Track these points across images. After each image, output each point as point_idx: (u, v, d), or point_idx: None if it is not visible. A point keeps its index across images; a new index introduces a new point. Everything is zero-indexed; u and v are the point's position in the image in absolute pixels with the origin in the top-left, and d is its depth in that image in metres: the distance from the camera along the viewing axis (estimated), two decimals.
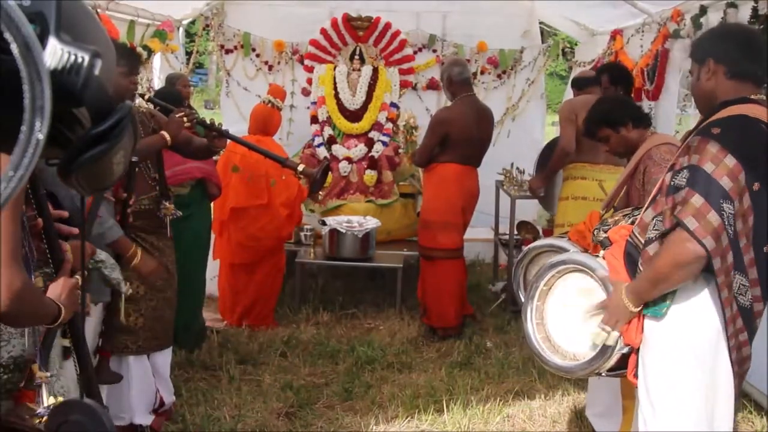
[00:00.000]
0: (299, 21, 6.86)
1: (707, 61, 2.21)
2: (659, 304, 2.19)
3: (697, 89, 2.28)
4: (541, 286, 2.54)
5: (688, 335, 2.18)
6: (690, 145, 2.11)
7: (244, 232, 4.92)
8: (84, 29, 0.77)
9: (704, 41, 2.33)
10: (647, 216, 2.26)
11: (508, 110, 7.20)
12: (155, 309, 3.42)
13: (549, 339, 2.52)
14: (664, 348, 2.21)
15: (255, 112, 5.08)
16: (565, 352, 2.47)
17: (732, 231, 2.04)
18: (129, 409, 3.39)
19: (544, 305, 2.55)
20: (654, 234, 2.19)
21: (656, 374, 2.23)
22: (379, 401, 3.94)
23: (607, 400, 3.25)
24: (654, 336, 2.22)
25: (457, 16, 7.05)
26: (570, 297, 2.49)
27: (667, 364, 2.20)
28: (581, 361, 2.39)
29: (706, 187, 2.02)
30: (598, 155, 4.55)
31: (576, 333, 2.43)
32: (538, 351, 2.52)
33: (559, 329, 2.51)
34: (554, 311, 2.53)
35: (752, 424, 3.71)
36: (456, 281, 5.00)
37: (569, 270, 2.50)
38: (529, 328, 2.54)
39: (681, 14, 4.96)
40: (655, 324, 2.21)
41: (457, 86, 4.93)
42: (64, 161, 0.85)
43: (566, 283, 2.52)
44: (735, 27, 2.39)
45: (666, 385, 2.22)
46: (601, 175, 4.55)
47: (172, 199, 3.48)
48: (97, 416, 1.68)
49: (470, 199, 5.03)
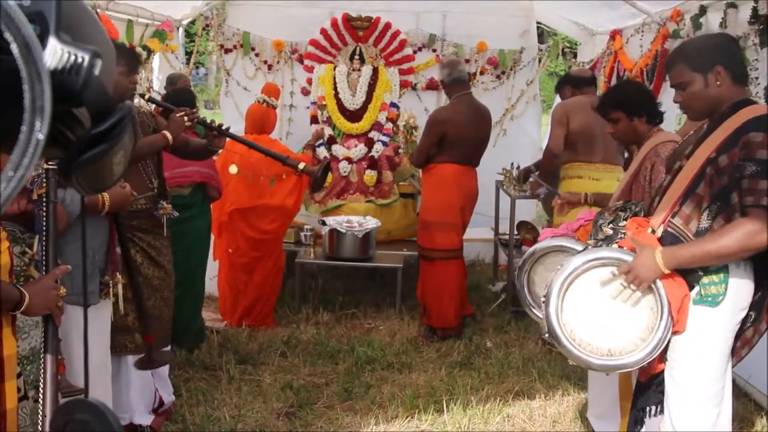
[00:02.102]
0: (299, 21, 6.85)
1: (715, 68, 2.32)
2: (715, 295, 2.30)
3: (703, 96, 2.36)
4: (564, 284, 2.41)
5: (730, 327, 2.33)
6: (752, 140, 2.19)
7: (253, 230, 4.92)
8: (84, 29, 0.77)
9: (710, 49, 2.40)
10: (687, 207, 2.34)
11: (507, 110, 7.20)
12: (152, 308, 3.41)
13: (573, 339, 2.41)
14: (711, 336, 2.33)
15: (250, 112, 5.08)
16: (597, 349, 2.38)
17: None
18: (128, 409, 3.39)
19: (562, 305, 2.44)
20: (707, 224, 2.28)
21: (691, 360, 2.35)
22: (379, 401, 3.94)
23: (607, 401, 3.25)
24: (703, 324, 2.32)
25: (457, 16, 7.05)
26: (589, 294, 2.42)
27: (708, 352, 2.34)
28: (629, 356, 2.35)
29: None
30: (594, 154, 4.56)
31: (604, 328, 2.39)
32: (576, 354, 2.38)
33: (585, 327, 2.41)
34: (574, 310, 2.43)
35: (752, 424, 3.71)
36: (455, 281, 5.00)
37: (594, 266, 2.43)
38: (557, 332, 2.40)
39: (680, 14, 4.96)
40: (708, 311, 2.31)
41: (454, 85, 4.93)
42: (64, 161, 0.85)
43: (582, 282, 2.44)
44: (724, 35, 2.61)
45: (697, 371, 2.35)
46: (596, 174, 4.56)
47: (169, 199, 3.48)
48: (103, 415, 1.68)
49: (469, 199, 5.03)
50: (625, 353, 2.36)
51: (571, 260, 2.46)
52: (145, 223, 3.33)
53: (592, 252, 2.51)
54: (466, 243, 5.23)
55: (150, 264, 3.41)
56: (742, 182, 2.19)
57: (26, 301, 1.88)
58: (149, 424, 3.46)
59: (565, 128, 4.66)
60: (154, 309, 3.42)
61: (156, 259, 3.44)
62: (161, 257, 3.47)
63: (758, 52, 3.88)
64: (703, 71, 2.34)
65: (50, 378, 1.82)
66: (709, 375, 2.36)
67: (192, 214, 4.28)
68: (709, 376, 2.37)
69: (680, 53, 2.44)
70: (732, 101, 2.34)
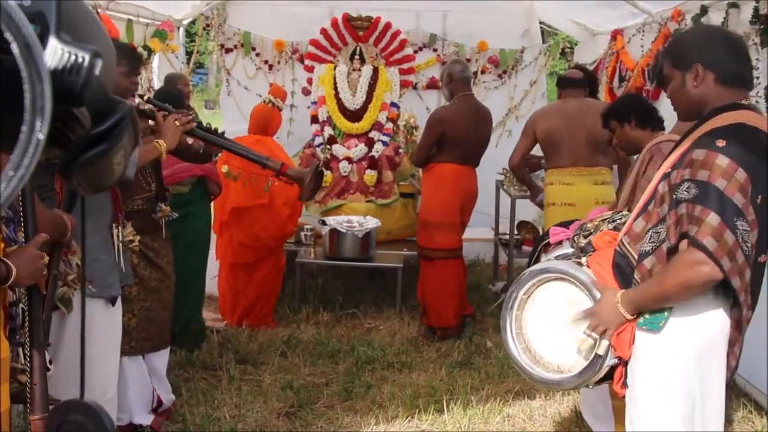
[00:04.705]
0: (299, 20, 6.86)
1: (694, 67, 2.10)
2: (656, 317, 2.11)
3: (682, 96, 2.16)
4: (521, 295, 2.44)
5: (683, 349, 2.10)
6: (695, 159, 1.98)
7: (246, 232, 4.91)
8: (84, 29, 0.77)
9: (688, 46, 2.20)
10: (637, 226, 2.18)
11: (510, 110, 7.20)
12: (149, 310, 3.41)
13: (529, 350, 2.42)
14: (657, 361, 2.13)
15: (255, 112, 5.08)
16: (548, 364, 2.37)
17: (747, 248, 1.95)
18: (127, 409, 3.38)
19: (523, 314, 2.44)
20: (650, 247, 2.10)
21: (647, 386, 2.16)
22: (379, 401, 3.94)
23: (599, 401, 3.25)
24: (647, 349, 2.14)
25: (458, 16, 7.05)
26: (551, 306, 2.39)
27: (659, 377, 2.14)
28: (571, 373, 2.30)
29: (720, 205, 1.92)
30: (561, 158, 4.54)
31: (559, 344, 2.35)
32: (521, 365, 2.40)
33: (541, 340, 2.41)
34: (534, 321, 2.42)
35: (752, 424, 3.70)
36: (454, 281, 5.00)
37: (551, 278, 2.39)
38: (509, 340, 2.43)
39: (682, 14, 4.95)
40: (651, 337, 2.12)
41: (456, 84, 4.93)
42: (65, 161, 0.85)
43: (547, 292, 2.41)
44: (717, 30, 2.29)
45: (657, 397, 2.16)
46: (568, 178, 4.53)
47: (168, 201, 3.47)
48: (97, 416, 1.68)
49: (468, 199, 5.02)
50: (574, 371, 2.29)
51: (526, 271, 2.47)
52: (142, 224, 3.30)
53: (545, 264, 2.48)
54: (466, 243, 5.23)
55: (147, 265, 3.39)
56: (680, 206, 1.99)
57: (14, 273, 1.78)
58: (149, 424, 3.46)
59: (530, 138, 4.67)
60: (150, 311, 3.41)
61: (154, 261, 3.42)
62: (159, 258, 3.46)
63: (759, 52, 3.88)
64: (682, 69, 2.14)
65: (37, 348, 1.81)
66: (665, 405, 2.13)
67: (192, 211, 4.25)
68: (665, 407, 2.13)
69: (667, 46, 2.30)
70: (714, 105, 2.10)
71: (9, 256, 1.84)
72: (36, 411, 1.78)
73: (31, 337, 1.82)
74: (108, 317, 2.88)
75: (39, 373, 1.80)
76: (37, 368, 1.80)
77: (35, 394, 1.79)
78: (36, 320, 1.84)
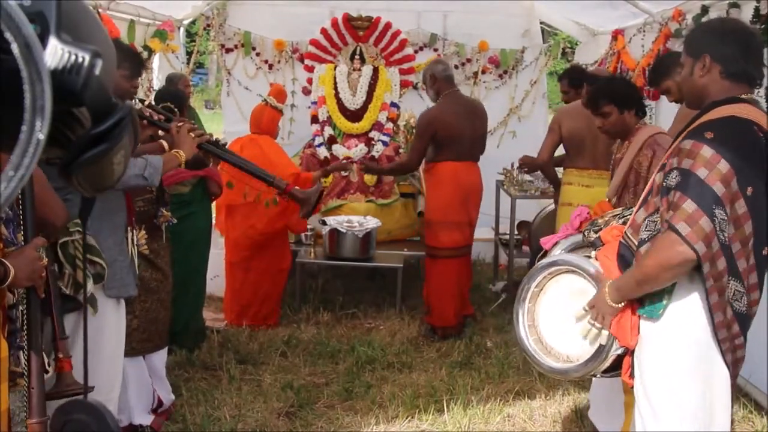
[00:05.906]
0: (299, 20, 6.87)
1: (703, 57, 2.16)
2: (655, 305, 2.16)
3: (689, 83, 2.23)
4: (533, 288, 2.52)
5: (684, 336, 2.14)
6: (682, 148, 2.06)
7: (238, 230, 4.94)
8: (84, 29, 0.77)
9: (701, 35, 2.26)
10: (639, 216, 2.24)
11: (512, 110, 7.20)
12: (148, 311, 3.42)
13: (541, 341, 2.50)
14: (660, 349, 2.18)
15: (255, 112, 5.08)
16: (558, 354, 2.45)
17: (724, 237, 2.01)
18: (127, 410, 3.39)
19: (536, 307, 2.53)
20: (646, 235, 2.16)
21: (653, 375, 2.20)
22: (380, 401, 3.94)
23: (609, 398, 3.25)
24: (650, 337, 2.19)
25: (458, 16, 7.06)
26: (562, 298, 2.47)
27: (664, 364, 2.18)
28: (576, 363, 2.37)
29: (698, 193, 2.00)
30: (584, 160, 4.55)
31: (569, 334, 2.41)
32: (531, 353, 2.50)
33: (552, 331, 2.49)
34: (546, 313, 2.50)
35: (752, 424, 3.71)
36: (456, 280, 4.99)
37: (561, 271, 2.48)
38: (520, 331, 2.52)
39: (682, 14, 4.96)
40: (651, 325, 2.18)
41: (441, 84, 4.92)
42: (65, 161, 0.85)
43: (558, 285, 2.49)
44: (734, 25, 2.30)
45: (664, 386, 2.19)
46: (587, 180, 4.54)
47: (168, 206, 3.47)
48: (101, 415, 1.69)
49: (471, 193, 4.98)
50: (582, 361, 2.35)
51: (537, 265, 2.55)
52: (143, 225, 3.31)
53: (555, 257, 2.56)
54: None
55: (147, 266, 3.39)
56: (669, 193, 2.06)
57: (12, 274, 1.79)
58: (149, 424, 3.46)
59: (556, 134, 4.68)
60: (150, 311, 3.42)
61: (153, 261, 3.43)
62: (159, 259, 3.47)
63: None
64: (693, 56, 2.20)
65: (35, 349, 1.81)
66: (671, 395, 2.17)
67: (192, 211, 4.26)
68: (672, 396, 2.17)
69: (687, 32, 2.38)
70: (715, 98, 2.15)
71: (8, 257, 1.84)
72: (34, 415, 1.78)
73: (29, 341, 1.82)
74: (117, 316, 2.92)
75: (37, 377, 1.80)
76: (35, 371, 1.80)
77: (33, 397, 1.79)
78: (34, 323, 1.84)
